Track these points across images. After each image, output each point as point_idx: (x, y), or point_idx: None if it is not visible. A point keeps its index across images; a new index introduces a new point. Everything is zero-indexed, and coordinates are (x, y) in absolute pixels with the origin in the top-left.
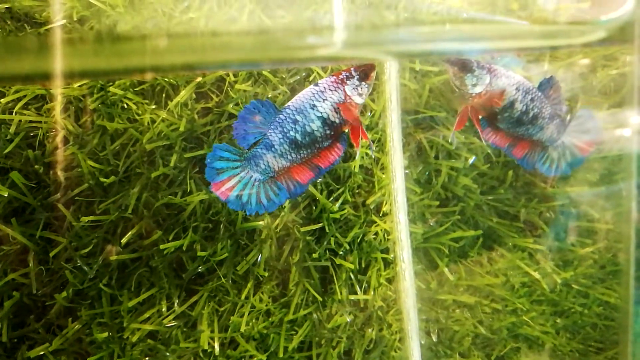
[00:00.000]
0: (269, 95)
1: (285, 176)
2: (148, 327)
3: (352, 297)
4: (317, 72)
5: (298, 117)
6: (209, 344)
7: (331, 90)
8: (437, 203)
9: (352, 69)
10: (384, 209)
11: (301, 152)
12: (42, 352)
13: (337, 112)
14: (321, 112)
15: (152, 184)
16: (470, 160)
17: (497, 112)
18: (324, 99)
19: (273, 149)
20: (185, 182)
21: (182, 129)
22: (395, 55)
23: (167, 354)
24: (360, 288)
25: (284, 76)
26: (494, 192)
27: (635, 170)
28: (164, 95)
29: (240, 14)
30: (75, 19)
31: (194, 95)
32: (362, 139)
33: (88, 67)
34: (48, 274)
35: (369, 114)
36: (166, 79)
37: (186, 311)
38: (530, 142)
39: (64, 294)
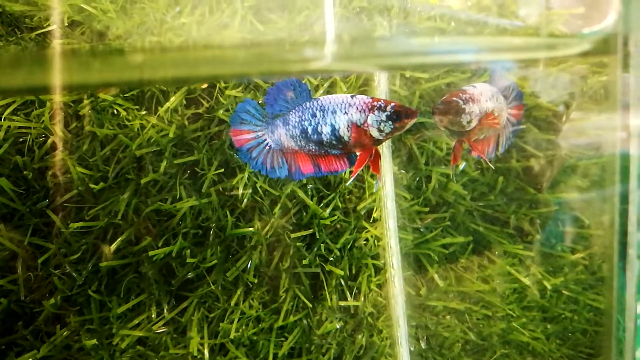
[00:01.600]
0: (259, 102)
1: (291, 156)
2: (137, 333)
3: (342, 303)
4: (309, 80)
5: (317, 113)
6: (198, 350)
7: (357, 109)
8: (427, 209)
9: (391, 104)
10: (375, 215)
11: (309, 145)
12: (30, 359)
13: (348, 130)
14: (336, 122)
15: (142, 190)
16: (461, 167)
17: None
18: (345, 112)
19: (287, 127)
20: (175, 188)
21: (171, 135)
22: (386, 68)
23: None
24: (351, 294)
25: (274, 82)
26: (485, 198)
27: (618, 178)
28: (154, 101)
29: (232, 20)
30: (66, 24)
31: (184, 101)
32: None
33: (80, 80)
34: (37, 281)
35: None
36: (156, 86)
37: (176, 317)
38: (494, 135)
39: (52, 300)
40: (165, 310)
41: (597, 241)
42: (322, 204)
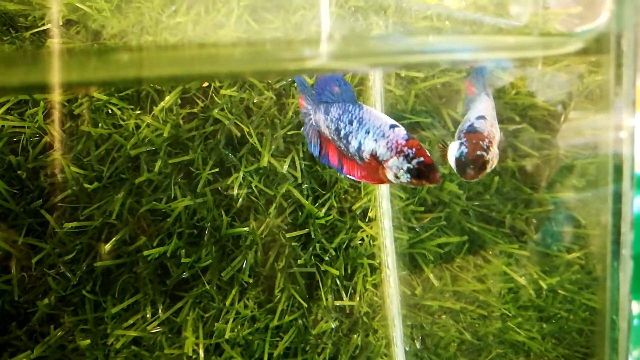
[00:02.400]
0: (255, 101)
1: (325, 141)
2: (132, 333)
3: (337, 303)
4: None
5: (354, 123)
6: (193, 350)
7: (387, 144)
8: (423, 209)
9: (420, 158)
10: (370, 214)
11: (338, 142)
12: None
13: (369, 156)
14: (364, 143)
15: (137, 190)
16: None
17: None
18: (375, 140)
19: (327, 117)
20: (170, 187)
21: (165, 134)
22: (382, 67)
23: None
24: (346, 294)
25: (269, 81)
26: (480, 197)
27: (611, 177)
28: (149, 100)
29: (227, 19)
30: (61, 23)
31: (179, 101)
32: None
33: (75, 78)
34: (31, 281)
35: None
36: (151, 85)
37: (171, 317)
38: None
39: (46, 300)
40: (160, 310)
41: (593, 241)
42: (317, 204)
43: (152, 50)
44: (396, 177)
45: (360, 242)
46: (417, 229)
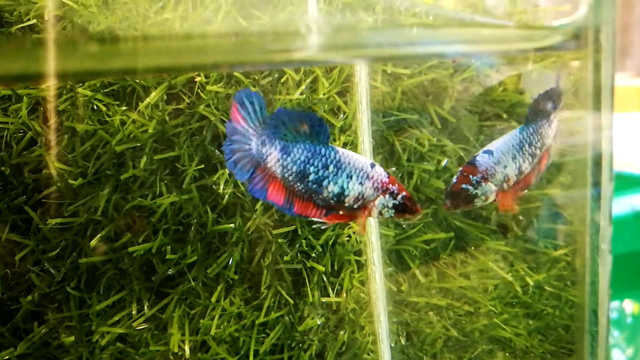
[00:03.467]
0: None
1: (266, 176)
2: (117, 330)
3: (324, 299)
4: (290, 75)
5: (331, 168)
6: (179, 346)
7: (374, 185)
8: None
9: (402, 193)
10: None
11: (297, 184)
12: (7, 357)
13: (354, 201)
14: (348, 187)
15: (122, 186)
16: (443, 163)
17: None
18: (361, 183)
19: (284, 157)
20: (156, 184)
21: (150, 130)
22: (371, 59)
23: (137, 357)
24: (333, 290)
25: (256, 77)
26: None
27: (590, 172)
28: (134, 96)
29: (215, 15)
30: (47, 19)
31: (165, 97)
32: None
33: (59, 69)
34: (14, 277)
35: (342, 115)
36: (137, 80)
37: (157, 314)
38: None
39: (30, 297)
40: (145, 307)
41: (579, 237)
42: None
43: (138, 40)
44: (380, 213)
45: (347, 238)
46: (403, 226)
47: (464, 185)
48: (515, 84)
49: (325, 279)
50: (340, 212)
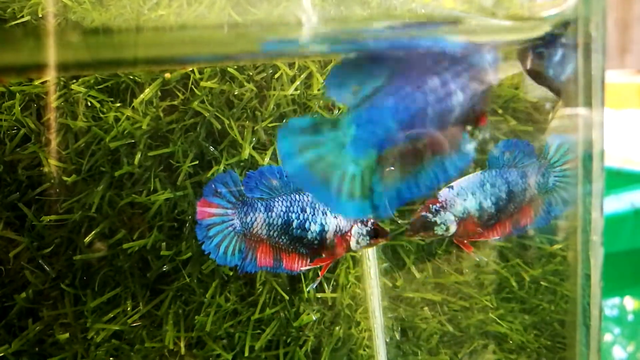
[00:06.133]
0: (235, 93)
1: (253, 244)
2: (113, 327)
3: (320, 295)
4: (285, 70)
5: (308, 209)
6: (174, 343)
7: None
8: None
9: (371, 220)
10: None
11: (283, 237)
12: (2, 354)
13: (333, 235)
14: (326, 223)
15: (117, 183)
16: None
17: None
18: (335, 216)
19: (269, 214)
20: (150, 180)
21: (144, 127)
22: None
23: (132, 353)
24: (329, 286)
25: (250, 73)
26: None
27: (581, 165)
28: (129, 93)
29: (209, 11)
30: (40, 15)
31: (159, 93)
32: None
33: (54, 60)
34: (8, 274)
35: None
36: (131, 77)
37: (152, 311)
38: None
39: (24, 294)
40: (140, 304)
41: (571, 231)
42: None
43: (132, 32)
44: (357, 243)
45: None
46: (398, 221)
47: (423, 213)
48: (510, 79)
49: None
50: (323, 255)
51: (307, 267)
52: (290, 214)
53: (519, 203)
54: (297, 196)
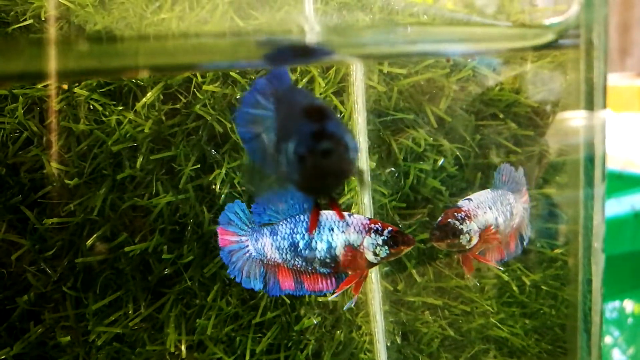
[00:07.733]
0: (237, 97)
1: (271, 269)
2: (114, 329)
3: (321, 299)
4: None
5: None
6: (176, 346)
7: (355, 229)
8: (405, 204)
9: (388, 228)
10: (353, 210)
11: (296, 259)
12: (4, 357)
13: (344, 250)
14: (333, 240)
15: (119, 186)
16: (440, 163)
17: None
18: (343, 231)
19: (275, 238)
20: (152, 184)
21: (146, 130)
22: (366, 58)
23: (133, 356)
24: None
25: (252, 77)
26: (463, 194)
27: (582, 170)
28: (131, 96)
29: (212, 15)
30: (43, 19)
31: (161, 97)
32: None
33: (57, 67)
34: (11, 277)
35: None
36: (133, 80)
37: (153, 314)
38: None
39: (26, 297)
40: (142, 307)
41: (572, 237)
42: None
43: (134, 40)
44: (375, 254)
45: None
46: (400, 225)
47: (450, 220)
48: (511, 84)
49: None
50: (346, 272)
51: (337, 295)
52: (295, 235)
53: (512, 227)
54: (300, 217)
